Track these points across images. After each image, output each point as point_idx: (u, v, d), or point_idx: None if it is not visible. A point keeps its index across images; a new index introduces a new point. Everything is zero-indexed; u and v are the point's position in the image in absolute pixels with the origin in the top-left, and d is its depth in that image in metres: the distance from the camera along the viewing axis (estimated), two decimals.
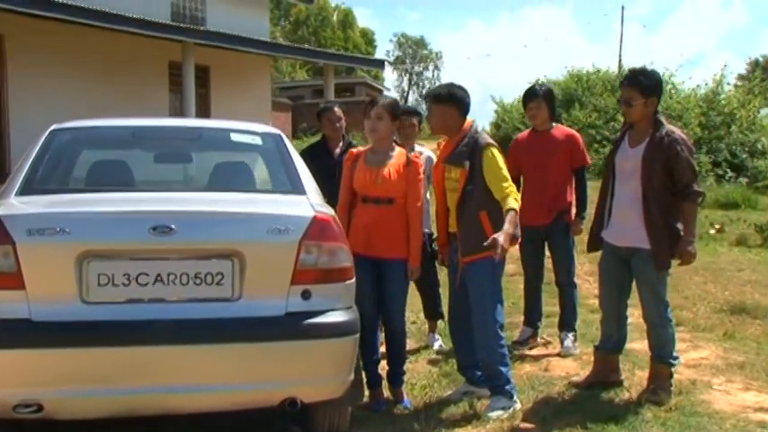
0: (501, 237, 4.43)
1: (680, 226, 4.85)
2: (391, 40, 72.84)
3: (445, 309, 5.85)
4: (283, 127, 28.64)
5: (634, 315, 5.58)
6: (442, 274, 6.21)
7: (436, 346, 6.28)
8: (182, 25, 17.38)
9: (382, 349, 5.10)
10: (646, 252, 4.87)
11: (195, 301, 3.48)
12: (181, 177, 4.49)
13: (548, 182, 6.15)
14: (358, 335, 3.77)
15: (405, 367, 5.08)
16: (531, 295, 6.46)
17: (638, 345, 5.93)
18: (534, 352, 6.24)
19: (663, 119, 4.95)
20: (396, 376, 5.00)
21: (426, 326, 6.57)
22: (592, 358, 5.85)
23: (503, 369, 4.74)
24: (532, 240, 6.26)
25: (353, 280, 3.81)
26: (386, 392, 5.04)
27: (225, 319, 3.48)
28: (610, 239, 5.09)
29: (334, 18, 57.44)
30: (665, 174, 4.80)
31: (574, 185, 6.28)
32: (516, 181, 6.40)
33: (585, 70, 30.83)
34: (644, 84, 4.87)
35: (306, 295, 3.60)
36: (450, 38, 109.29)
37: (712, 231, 13.08)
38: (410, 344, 6.45)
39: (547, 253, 6.42)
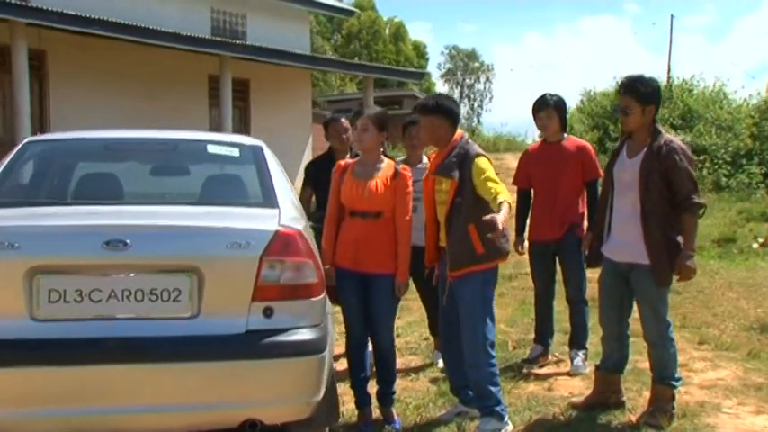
0: (490, 226, 4.17)
1: (681, 240, 4.62)
2: (442, 53, 72.49)
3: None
4: (323, 139, 28.76)
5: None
6: None
7: (441, 363, 6.09)
8: (219, 39, 17.48)
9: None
10: (645, 268, 4.66)
11: (151, 319, 3.37)
12: (148, 190, 4.40)
13: (558, 195, 5.95)
14: (325, 354, 3.61)
15: (395, 386, 4.93)
16: (541, 312, 6.26)
17: (647, 364, 5.67)
18: (544, 370, 6.03)
19: (661, 128, 4.74)
20: (385, 396, 4.85)
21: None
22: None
23: (492, 389, 4.55)
24: (543, 255, 6.08)
25: (321, 296, 3.67)
26: (377, 412, 4.90)
27: (182, 336, 3.37)
28: (609, 254, 4.89)
29: (387, 31, 57.54)
30: (663, 185, 4.60)
31: (586, 199, 6.08)
32: (527, 194, 6.23)
33: None
34: (641, 91, 4.68)
35: (268, 312, 3.48)
36: (507, 50, 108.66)
37: (755, 245, 12.63)
38: (416, 361, 6.33)
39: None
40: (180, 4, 17.76)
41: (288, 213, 3.89)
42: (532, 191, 6.20)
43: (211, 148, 4.35)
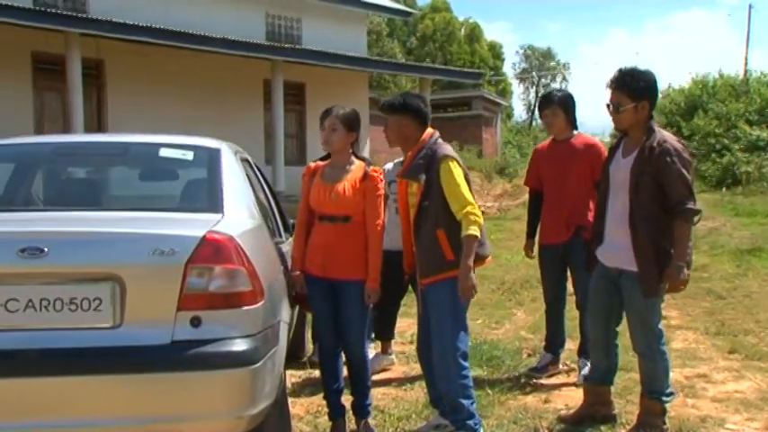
0: (461, 280, 4.11)
1: (672, 249, 4.28)
2: (517, 53, 71.53)
3: None
4: None
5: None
6: None
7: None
8: (268, 44, 17.54)
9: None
10: (633, 275, 4.35)
11: (70, 329, 3.25)
12: (83, 196, 4.27)
13: (564, 195, 5.64)
14: (258, 365, 3.42)
15: (371, 397, 4.73)
16: (552, 319, 5.96)
17: None
18: (552, 380, 5.74)
19: (656, 126, 4.40)
20: (359, 408, 4.66)
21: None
22: (616, 389, 5.34)
23: (464, 402, 4.29)
24: (551, 260, 5.78)
25: (256, 305, 3.48)
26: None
27: (103, 348, 3.25)
28: (601, 258, 4.59)
29: (462, 33, 57.08)
30: (655, 188, 4.26)
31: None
32: (538, 194, 5.95)
33: (711, 76, 29.28)
34: (632, 86, 4.34)
35: (195, 322, 3.32)
36: (592, 49, 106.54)
37: None
38: (417, 369, 6.08)
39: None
40: (235, 10, 17.89)
41: (232, 218, 3.73)
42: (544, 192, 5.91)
43: (164, 152, 4.22)
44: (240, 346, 3.38)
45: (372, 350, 6.26)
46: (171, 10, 16.39)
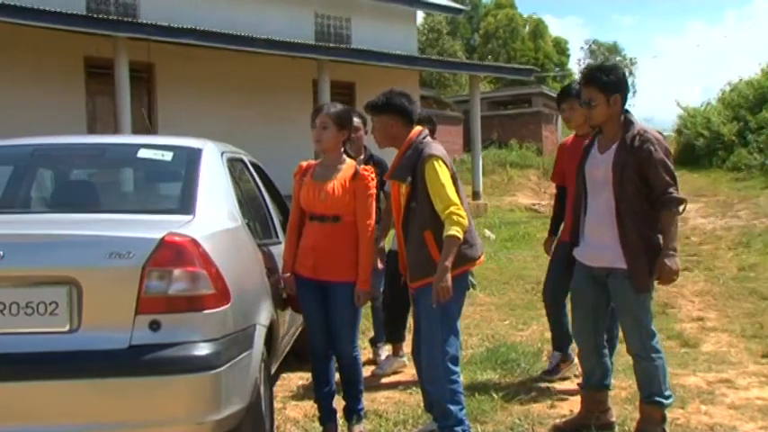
0: (436, 280, 3.99)
1: (661, 240, 4.11)
2: (582, 48, 70.14)
3: None
4: (454, 141, 28.44)
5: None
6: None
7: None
8: (312, 43, 17.55)
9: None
10: (622, 273, 4.18)
11: (26, 333, 3.23)
12: (51, 198, 4.24)
13: None
14: (221, 370, 3.35)
15: (363, 402, 4.62)
16: (553, 316, 5.73)
17: None
18: (565, 385, 5.53)
19: (634, 118, 4.24)
20: (351, 412, 4.56)
21: None
22: (623, 394, 5.16)
23: (452, 407, 4.15)
24: (564, 256, 5.57)
25: (220, 309, 3.41)
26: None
27: (58, 352, 3.21)
28: (582, 259, 4.42)
29: (526, 29, 56.37)
30: (639, 180, 4.13)
31: None
32: (564, 190, 5.77)
33: None
34: (603, 81, 4.23)
35: (154, 326, 3.27)
36: (667, 41, 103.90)
37: None
38: None
39: None
40: (284, 11, 17.97)
41: (203, 220, 3.68)
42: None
43: (142, 153, 4.18)
44: (201, 350, 3.32)
45: (385, 352, 6.17)
46: (220, 13, 16.54)
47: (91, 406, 3.24)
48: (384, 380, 5.76)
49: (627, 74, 4.36)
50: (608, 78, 4.23)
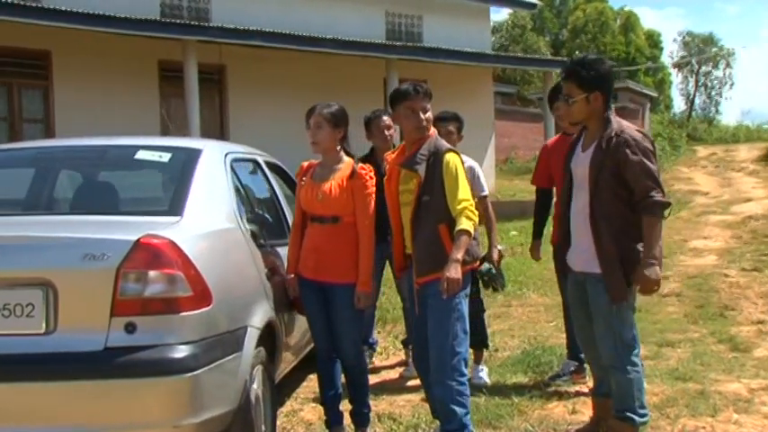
0: (447, 272, 3.86)
1: (641, 248, 3.89)
2: (675, 40, 67.92)
3: None
4: (534, 138, 27.96)
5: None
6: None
7: (477, 379, 5.55)
8: (379, 42, 17.52)
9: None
10: (596, 277, 3.99)
11: (2, 335, 3.25)
12: (39, 200, 4.25)
13: None
14: (199, 372, 3.31)
15: (369, 405, 4.55)
16: (570, 323, 5.53)
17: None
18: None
19: (613, 116, 4.03)
20: (357, 416, 4.49)
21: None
22: (653, 399, 4.94)
23: (457, 410, 4.02)
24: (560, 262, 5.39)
25: (201, 311, 3.37)
26: None
27: (33, 354, 3.23)
28: (569, 263, 4.25)
29: (616, 23, 55.09)
30: (617, 184, 3.93)
31: None
32: (546, 193, 5.61)
33: None
34: (582, 76, 4.01)
35: (130, 328, 3.26)
36: None
37: None
38: None
39: None
40: (354, 10, 18.00)
41: (191, 221, 3.66)
42: (554, 189, 5.53)
43: (140, 154, 4.19)
44: (177, 352, 3.29)
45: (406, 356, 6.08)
46: (292, 14, 16.68)
47: (66, 408, 3.25)
48: (410, 382, 5.66)
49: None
50: (587, 74, 4.01)
